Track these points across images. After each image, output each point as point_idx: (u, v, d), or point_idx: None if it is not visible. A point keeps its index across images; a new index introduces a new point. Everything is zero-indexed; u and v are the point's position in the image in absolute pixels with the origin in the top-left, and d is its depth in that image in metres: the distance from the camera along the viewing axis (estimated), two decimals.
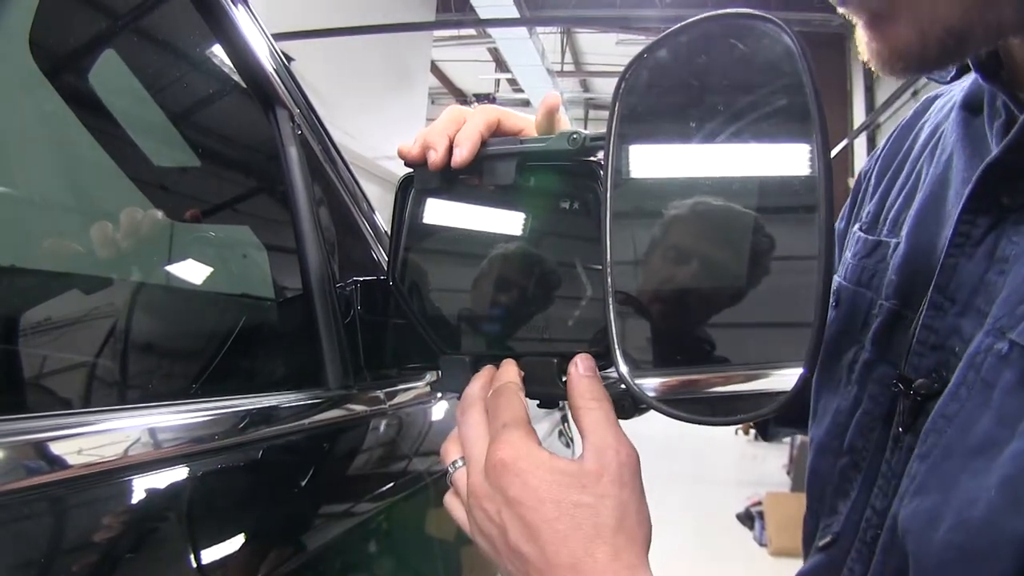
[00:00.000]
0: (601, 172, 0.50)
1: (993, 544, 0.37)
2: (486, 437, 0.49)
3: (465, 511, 0.50)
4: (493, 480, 0.47)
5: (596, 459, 0.45)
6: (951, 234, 0.46)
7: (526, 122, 0.59)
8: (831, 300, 0.57)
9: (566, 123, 0.59)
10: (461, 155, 0.54)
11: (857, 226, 0.61)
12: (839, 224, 0.68)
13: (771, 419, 0.72)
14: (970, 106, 0.52)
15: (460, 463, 0.52)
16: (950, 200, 0.50)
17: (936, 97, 0.61)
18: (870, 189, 0.64)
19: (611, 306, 0.47)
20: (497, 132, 0.57)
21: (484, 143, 0.55)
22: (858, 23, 0.44)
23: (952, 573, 0.39)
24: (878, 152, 0.65)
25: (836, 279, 0.60)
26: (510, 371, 0.52)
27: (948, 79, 0.55)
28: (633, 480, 0.46)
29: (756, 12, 0.42)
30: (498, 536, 0.46)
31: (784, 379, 0.42)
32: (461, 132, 0.55)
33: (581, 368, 0.50)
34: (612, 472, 0.45)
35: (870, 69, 0.45)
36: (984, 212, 0.45)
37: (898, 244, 0.54)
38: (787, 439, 6.70)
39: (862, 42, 0.44)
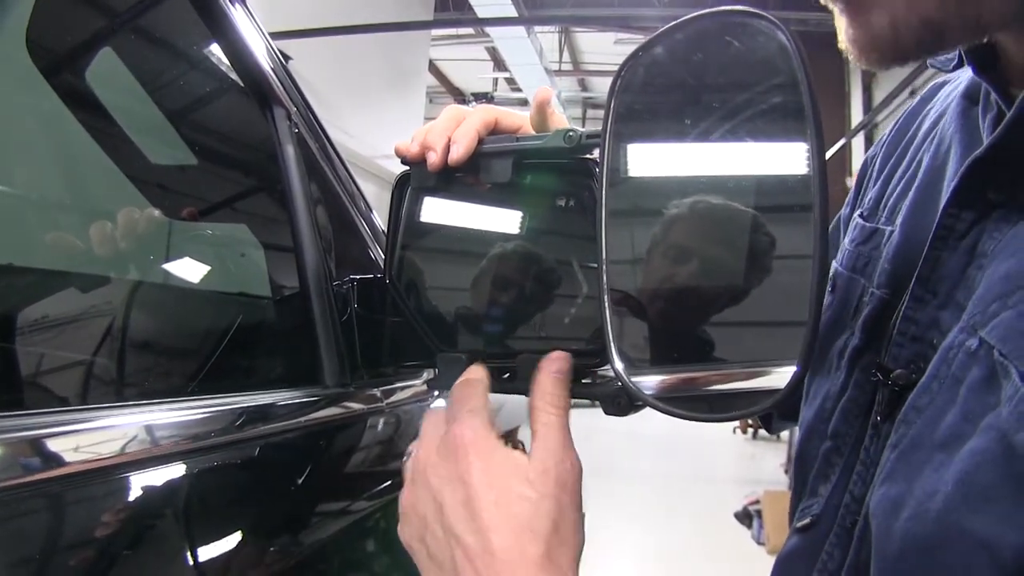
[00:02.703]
0: (597, 170, 0.50)
1: (945, 538, 0.37)
2: (444, 420, 0.49)
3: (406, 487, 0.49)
4: (445, 455, 0.46)
5: (543, 460, 0.46)
6: (935, 227, 0.46)
7: (524, 120, 0.59)
8: (827, 286, 0.57)
9: (560, 117, 0.59)
10: (457, 152, 0.54)
11: (858, 212, 0.61)
12: (844, 210, 0.68)
13: (774, 412, 0.72)
14: (970, 95, 0.51)
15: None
16: (944, 191, 0.50)
17: (944, 83, 0.60)
18: (874, 175, 0.63)
19: (607, 304, 0.47)
20: (495, 131, 0.57)
21: (481, 141, 0.55)
22: (836, 10, 0.43)
23: (909, 562, 0.39)
24: (884, 137, 0.65)
25: (834, 265, 0.60)
26: (479, 369, 0.53)
27: (951, 67, 0.54)
28: (574, 488, 0.46)
29: (751, 10, 0.42)
30: (433, 513, 0.45)
31: (780, 376, 0.43)
32: (458, 130, 0.55)
33: (553, 368, 0.49)
34: (556, 475, 0.45)
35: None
36: (969, 206, 0.45)
37: (892, 232, 0.54)
38: (784, 437, 6.72)
39: (841, 30, 0.44)
